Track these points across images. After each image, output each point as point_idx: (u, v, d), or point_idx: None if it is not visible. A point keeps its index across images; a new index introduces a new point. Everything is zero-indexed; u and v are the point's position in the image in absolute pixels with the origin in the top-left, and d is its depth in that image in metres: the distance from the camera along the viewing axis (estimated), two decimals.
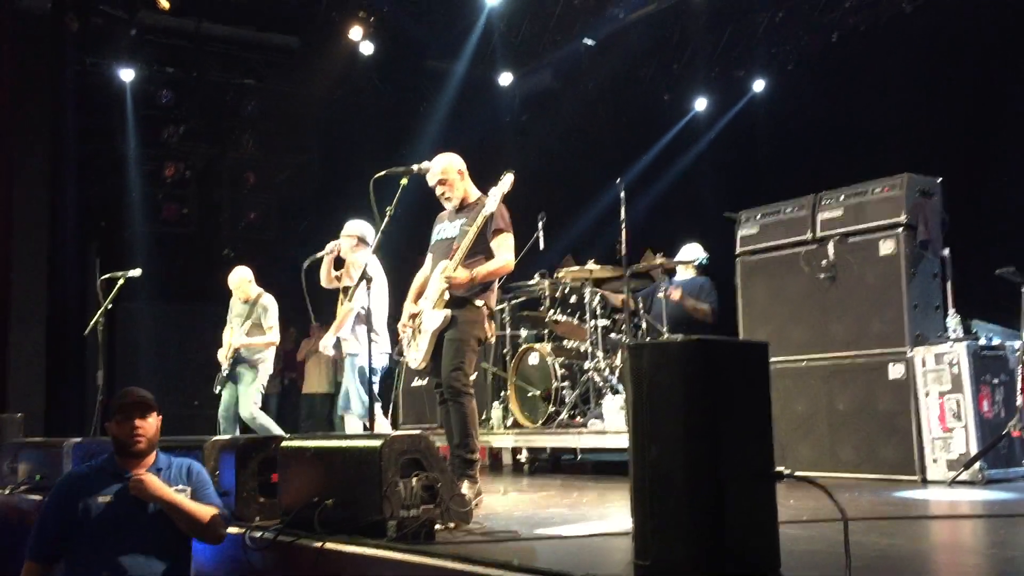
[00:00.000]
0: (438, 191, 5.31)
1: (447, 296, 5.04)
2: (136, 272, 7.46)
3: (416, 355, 5.18)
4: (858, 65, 11.03)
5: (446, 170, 5.29)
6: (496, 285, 5.32)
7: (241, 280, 7.95)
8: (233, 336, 7.72)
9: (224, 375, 7.66)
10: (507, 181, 5.18)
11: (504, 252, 5.12)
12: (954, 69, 9.80)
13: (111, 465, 3.88)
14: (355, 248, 6.74)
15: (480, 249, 5.11)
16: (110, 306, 7.30)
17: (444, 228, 5.35)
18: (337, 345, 6.73)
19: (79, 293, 10.51)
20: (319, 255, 6.67)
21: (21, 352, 10.09)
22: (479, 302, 5.08)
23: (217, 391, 7.84)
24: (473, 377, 5.12)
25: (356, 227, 6.80)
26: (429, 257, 5.38)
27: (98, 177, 11.97)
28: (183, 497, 3.78)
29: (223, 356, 7.83)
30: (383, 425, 6.32)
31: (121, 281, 7.32)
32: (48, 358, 10.23)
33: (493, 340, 5.60)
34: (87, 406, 9.38)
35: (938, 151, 8.92)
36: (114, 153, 12.14)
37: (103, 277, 7.36)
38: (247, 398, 7.57)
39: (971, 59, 9.71)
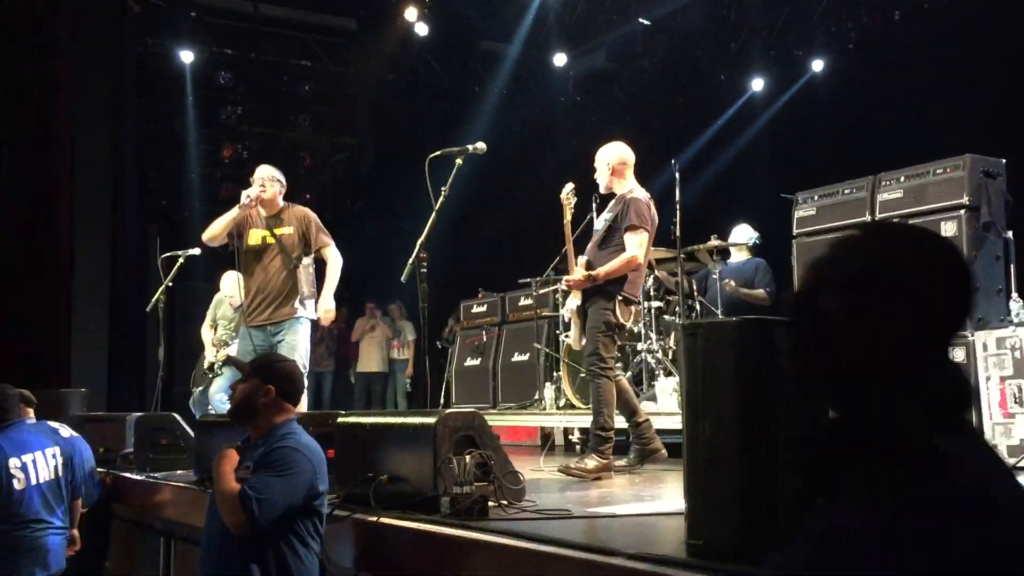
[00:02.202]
0: (595, 174, 5.86)
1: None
2: (195, 251, 7.58)
3: (573, 336, 5.76)
4: (920, 44, 10.78)
5: (598, 159, 5.83)
6: (636, 274, 5.56)
7: (236, 287, 7.88)
8: (231, 346, 7.72)
9: (211, 375, 7.76)
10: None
11: (631, 248, 5.41)
12: (1019, 47, 9.54)
13: None
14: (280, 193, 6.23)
15: (615, 242, 5.50)
16: (170, 284, 7.43)
17: (600, 218, 5.84)
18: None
19: (140, 271, 10.73)
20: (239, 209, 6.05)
21: (84, 329, 10.32)
22: (611, 288, 5.41)
23: (198, 391, 7.98)
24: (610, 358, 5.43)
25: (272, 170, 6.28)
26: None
27: (158, 157, 12.20)
28: (221, 475, 3.52)
29: (210, 358, 7.92)
30: None
31: (181, 260, 7.44)
32: (110, 335, 10.46)
33: (632, 324, 5.78)
34: (148, 382, 9.58)
35: (1003, 132, 8.70)
36: (174, 133, 12.36)
37: (163, 255, 7.49)
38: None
39: None
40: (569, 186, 5.90)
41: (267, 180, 6.14)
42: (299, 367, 4.31)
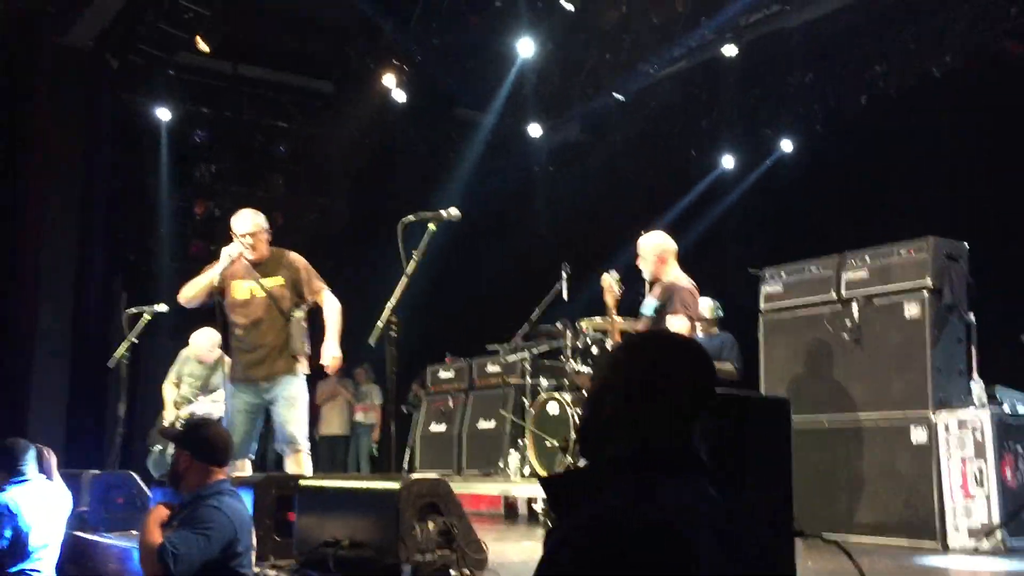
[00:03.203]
0: (637, 261, 6.18)
1: None
2: (162, 307, 7.52)
3: None
4: (887, 128, 11.05)
5: (650, 248, 6.11)
6: None
7: (210, 341, 7.79)
8: (195, 403, 7.70)
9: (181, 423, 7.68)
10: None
11: (673, 329, 5.66)
12: (982, 134, 9.81)
13: None
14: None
15: (662, 326, 5.81)
16: (135, 340, 7.34)
17: (647, 304, 6.10)
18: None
19: (104, 325, 10.61)
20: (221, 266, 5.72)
21: (44, 382, 10.16)
22: None
23: (157, 450, 7.87)
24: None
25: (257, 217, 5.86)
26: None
27: (129, 212, 12.14)
28: (146, 528, 3.74)
29: (170, 418, 7.84)
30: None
31: (147, 316, 7.37)
32: (71, 389, 10.30)
33: None
34: (108, 439, 9.42)
35: (965, 216, 8.89)
36: (146, 189, 12.33)
37: (129, 311, 7.42)
38: None
39: (1000, 124, 9.71)
40: (614, 275, 6.31)
41: (254, 235, 5.73)
42: (222, 429, 4.29)
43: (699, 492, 1.68)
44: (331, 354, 5.70)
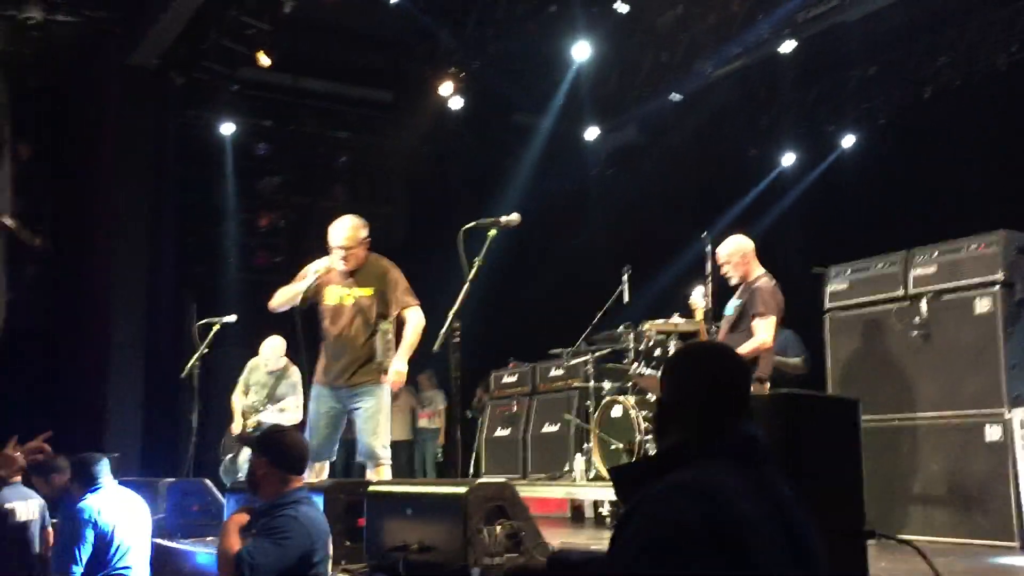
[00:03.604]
0: (723, 271, 6.31)
1: None
2: (231, 318, 7.67)
3: None
4: (952, 121, 10.85)
5: (730, 254, 6.28)
6: (767, 354, 6.00)
7: (276, 350, 7.98)
8: (263, 412, 7.81)
9: (241, 443, 7.77)
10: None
11: (760, 332, 5.91)
12: None
13: None
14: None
15: (744, 327, 6.00)
16: (206, 350, 7.50)
17: (730, 304, 6.26)
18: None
19: (176, 337, 10.84)
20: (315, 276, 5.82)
21: (119, 393, 10.42)
22: None
23: (228, 459, 7.98)
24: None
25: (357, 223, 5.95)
26: None
27: (196, 225, 12.40)
28: (225, 534, 3.79)
29: (238, 427, 7.95)
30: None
31: (217, 326, 7.53)
32: (145, 399, 10.55)
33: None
34: (182, 448, 9.63)
35: None
36: (212, 202, 12.58)
37: (199, 322, 7.59)
38: None
39: None
40: (700, 291, 6.54)
41: (347, 248, 5.78)
42: (299, 437, 4.29)
43: (742, 475, 1.90)
44: (395, 368, 5.67)
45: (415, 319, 5.79)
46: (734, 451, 1.94)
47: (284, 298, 5.84)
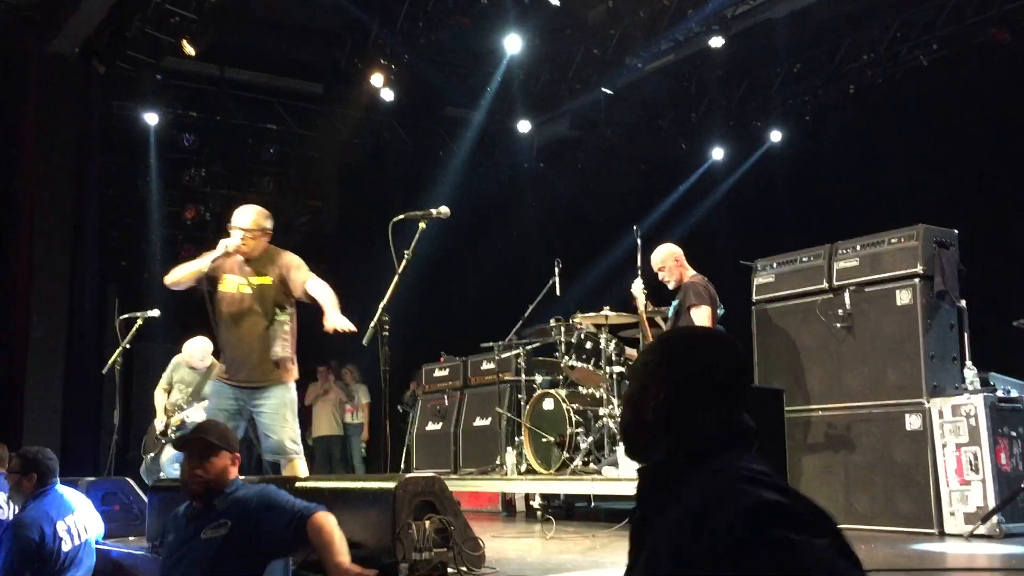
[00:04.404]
0: (660, 277, 6.55)
1: None
2: (155, 313, 7.50)
3: None
4: (875, 117, 11.10)
5: (663, 259, 6.51)
6: None
7: (204, 350, 7.74)
8: (187, 409, 7.65)
9: (163, 441, 7.62)
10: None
11: (701, 321, 6.15)
12: (970, 121, 9.85)
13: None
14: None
15: (684, 321, 6.25)
16: (128, 346, 7.33)
17: (672, 306, 6.55)
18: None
19: (98, 332, 10.59)
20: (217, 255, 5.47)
21: (39, 389, 10.14)
22: None
23: (149, 457, 7.80)
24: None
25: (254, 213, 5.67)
26: None
27: (120, 218, 12.14)
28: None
29: (161, 424, 7.78)
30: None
31: (139, 322, 7.36)
32: (65, 396, 10.28)
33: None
34: (103, 445, 9.41)
35: (955, 203, 8.93)
36: (136, 195, 12.32)
37: (122, 317, 7.41)
38: None
39: (988, 111, 9.76)
40: (639, 283, 6.73)
41: (251, 232, 5.50)
42: (221, 423, 4.20)
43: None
44: (336, 322, 5.26)
45: (319, 284, 5.45)
46: (743, 442, 1.85)
47: (181, 275, 5.48)
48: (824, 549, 1.59)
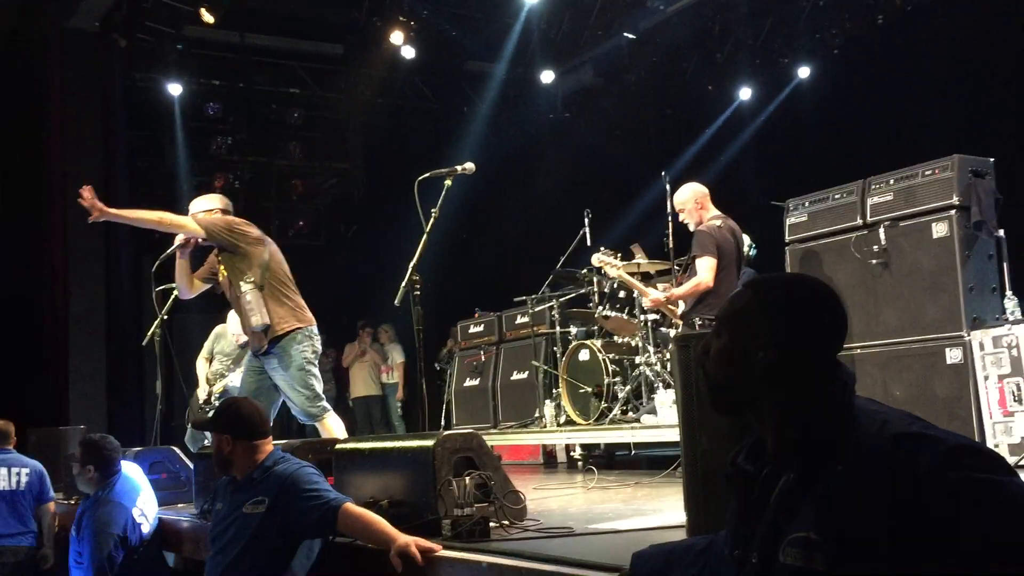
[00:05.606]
0: (680, 218, 6.52)
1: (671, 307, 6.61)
2: None
3: None
4: (905, 47, 10.85)
5: (684, 201, 6.47)
6: (714, 298, 6.21)
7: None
8: (229, 375, 7.73)
9: (206, 409, 7.69)
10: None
11: (701, 272, 6.19)
12: (1002, 46, 9.61)
13: None
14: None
15: (691, 271, 6.33)
16: (166, 317, 7.40)
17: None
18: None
19: (135, 305, 10.71)
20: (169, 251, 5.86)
21: (81, 365, 10.30)
22: (690, 313, 6.37)
23: (207, 410, 7.87)
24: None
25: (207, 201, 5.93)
26: None
27: (150, 190, 12.20)
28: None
29: (204, 393, 7.87)
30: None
31: (175, 292, 7.42)
32: (108, 370, 10.44)
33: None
34: (148, 416, 9.56)
35: (989, 131, 8.75)
36: (164, 166, 12.37)
37: (158, 288, 7.46)
38: None
39: (1021, 35, 9.51)
40: (596, 256, 6.87)
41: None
42: (250, 402, 4.26)
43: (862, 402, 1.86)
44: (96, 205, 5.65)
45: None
46: (854, 383, 1.82)
47: (178, 282, 5.99)
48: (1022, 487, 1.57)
